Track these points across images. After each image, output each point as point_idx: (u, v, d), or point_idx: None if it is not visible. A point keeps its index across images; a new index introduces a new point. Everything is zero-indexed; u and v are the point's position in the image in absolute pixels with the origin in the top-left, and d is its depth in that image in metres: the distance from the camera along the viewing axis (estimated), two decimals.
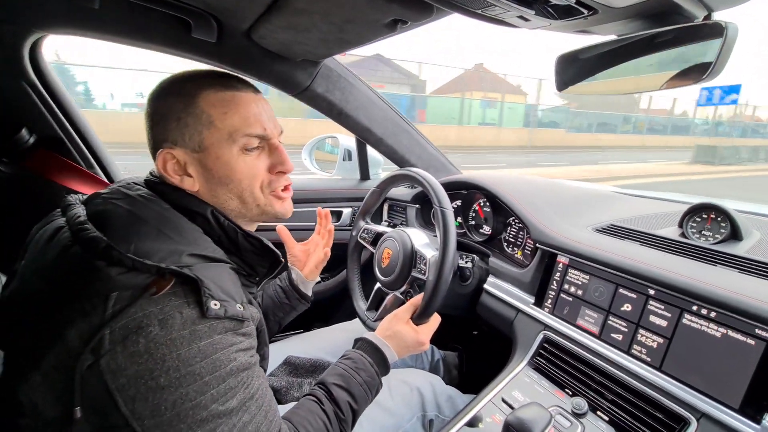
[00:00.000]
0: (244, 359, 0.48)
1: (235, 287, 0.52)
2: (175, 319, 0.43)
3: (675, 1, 0.41)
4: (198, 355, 0.43)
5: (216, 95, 0.55)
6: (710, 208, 0.80)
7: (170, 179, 0.55)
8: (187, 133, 0.54)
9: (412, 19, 0.61)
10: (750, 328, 0.57)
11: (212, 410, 0.43)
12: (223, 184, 0.57)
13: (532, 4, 0.44)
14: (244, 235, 0.56)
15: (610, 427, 0.67)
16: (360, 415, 0.67)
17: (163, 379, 0.41)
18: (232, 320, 0.47)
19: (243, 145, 0.56)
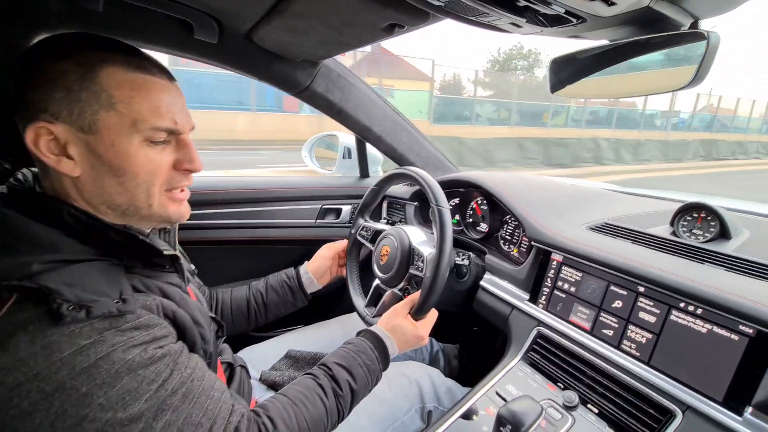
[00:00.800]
0: (144, 355, 0.43)
1: (110, 283, 0.46)
2: (20, 337, 0.38)
3: (660, 11, 0.43)
4: (63, 369, 0.38)
5: (125, 75, 0.49)
6: (700, 207, 0.81)
7: (43, 158, 0.47)
8: (76, 109, 0.47)
9: (409, 24, 0.62)
10: (734, 324, 0.59)
11: (109, 420, 0.39)
12: (113, 175, 0.50)
13: (523, 13, 0.46)
14: (116, 230, 0.50)
15: (599, 419, 0.69)
16: (360, 397, 0.67)
17: (26, 404, 0.37)
18: (104, 319, 0.42)
19: (147, 136, 0.50)
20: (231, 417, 0.49)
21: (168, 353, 0.46)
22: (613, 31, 0.54)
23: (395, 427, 0.82)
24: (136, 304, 0.46)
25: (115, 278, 0.47)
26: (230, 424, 0.49)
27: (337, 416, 0.63)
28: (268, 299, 0.99)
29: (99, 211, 0.52)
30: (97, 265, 0.47)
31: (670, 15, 0.45)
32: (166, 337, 0.48)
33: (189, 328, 0.55)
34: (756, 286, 0.62)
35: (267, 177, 1.57)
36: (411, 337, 0.79)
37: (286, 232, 1.42)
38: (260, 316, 0.99)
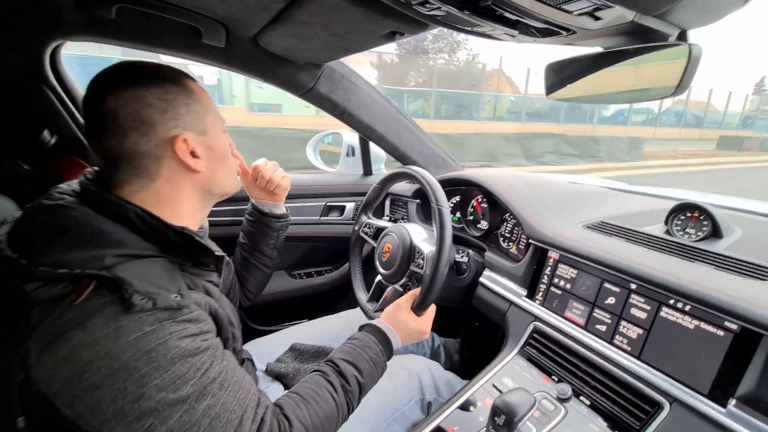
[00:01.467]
0: (193, 345, 0.48)
1: (170, 278, 0.52)
2: (96, 319, 0.43)
3: (646, 24, 0.45)
4: (128, 350, 0.43)
5: (196, 84, 0.62)
6: (693, 207, 0.84)
7: (186, 161, 0.58)
8: (194, 118, 0.59)
9: (408, 32, 0.65)
10: (720, 320, 0.62)
11: (161, 400, 0.43)
12: (221, 163, 0.65)
13: (515, 26, 0.48)
14: (174, 231, 0.56)
15: (591, 411, 0.72)
16: (367, 390, 0.71)
17: (96, 379, 0.42)
18: (165, 310, 0.47)
19: (223, 128, 0.66)
20: (258, 408, 0.54)
21: (211, 346, 0.51)
22: (606, 40, 0.56)
23: (396, 417, 0.86)
24: (190, 300, 0.52)
25: (173, 275, 0.54)
26: (257, 414, 0.53)
27: (347, 409, 0.66)
28: (257, 244, 1.02)
29: (198, 198, 0.64)
30: (159, 262, 0.53)
31: (656, 27, 0.47)
32: (210, 332, 0.53)
33: (225, 326, 0.62)
34: (742, 285, 0.64)
35: None
36: (413, 331, 0.81)
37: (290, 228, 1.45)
38: (264, 259, 1.03)
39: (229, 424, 0.48)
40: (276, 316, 1.51)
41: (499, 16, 0.45)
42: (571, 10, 0.42)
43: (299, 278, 1.54)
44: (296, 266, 1.55)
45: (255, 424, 0.52)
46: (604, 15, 0.43)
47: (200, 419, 0.46)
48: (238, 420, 0.50)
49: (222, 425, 0.48)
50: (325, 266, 1.60)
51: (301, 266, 1.56)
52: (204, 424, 0.46)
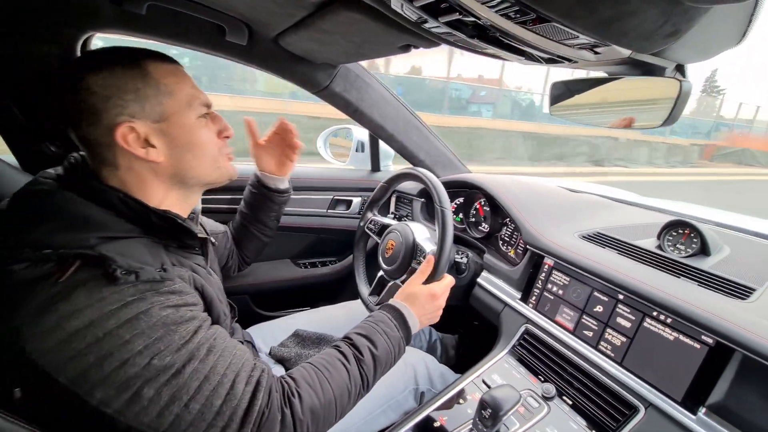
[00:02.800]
0: (176, 314, 0.49)
1: (153, 255, 0.54)
2: (80, 292, 0.45)
3: (642, 60, 0.49)
4: (112, 318, 0.45)
5: (165, 66, 0.58)
6: (684, 224, 0.87)
7: (134, 152, 0.56)
8: (147, 104, 0.56)
9: (422, 46, 0.69)
10: (698, 333, 0.66)
11: (146, 365, 0.45)
12: (188, 150, 0.60)
13: (521, 54, 0.52)
14: (156, 215, 0.57)
15: (572, 410, 0.77)
16: (384, 365, 0.70)
17: (82, 346, 0.44)
18: (147, 282, 0.49)
19: (198, 113, 0.61)
20: (253, 371, 0.54)
21: (196, 317, 0.53)
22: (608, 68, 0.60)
23: (390, 405, 0.91)
24: (174, 274, 0.54)
25: (156, 252, 0.55)
26: (252, 377, 0.54)
27: (362, 382, 0.65)
28: (258, 215, 1.06)
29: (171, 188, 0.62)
30: (142, 241, 0.55)
31: (652, 62, 0.50)
32: (196, 305, 0.55)
33: (215, 303, 0.63)
34: (722, 302, 0.69)
35: None
36: (425, 298, 0.80)
37: (298, 219, 1.51)
38: (264, 229, 1.08)
39: (220, 387, 0.50)
40: (280, 303, 1.56)
41: (506, 44, 0.49)
42: (572, 45, 0.46)
43: (304, 267, 1.60)
44: (301, 256, 1.61)
45: (250, 386, 0.52)
46: (601, 50, 0.47)
47: (188, 382, 0.47)
48: (230, 382, 0.51)
49: (212, 388, 0.49)
50: (330, 257, 1.65)
51: (306, 256, 1.61)
52: (193, 387, 0.48)
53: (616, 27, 0.37)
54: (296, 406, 0.56)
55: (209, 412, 0.48)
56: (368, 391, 0.68)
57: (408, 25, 0.56)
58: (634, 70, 0.56)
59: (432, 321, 0.84)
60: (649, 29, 0.37)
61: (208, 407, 0.48)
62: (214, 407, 0.49)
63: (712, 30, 0.41)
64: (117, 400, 0.45)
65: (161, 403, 0.46)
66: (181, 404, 0.47)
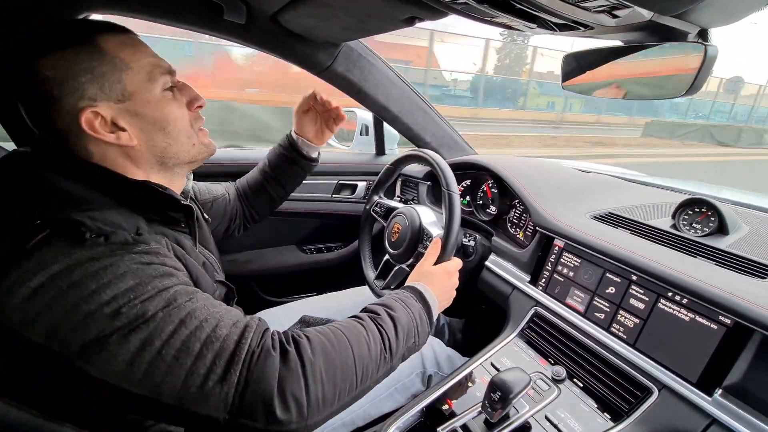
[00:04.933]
0: (150, 268, 0.46)
1: (128, 222, 0.50)
2: (45, 250, 0.42)
3: (664, 23, 0.46)
4: (77, 270, 0.42)
5: (117, 37, 0.52)
6: (701, 202, 0.84)
7: (104, 138, 0.51)
8: (106, 84, 0.50)
9: (428, 18, 0.65)
10: (714, 314, 0.64)
11: (119, 314, 0.42)
12: (159, 128, 0.55)
13: (534, 20, 0.49)
14: (135, 184, 0.54)
15: (583, 392, 0.76)
16: (405, 330, 0.62)
17: (47, 300, 0.41)
18: (119, 244, 0.46)
19: (163, 83, 0.55)
20: (241, 318, 0.49)
21: (174, 275, 0.48)
22: (624, 35, 0.56)
23: (397, 388, 0.91)
24: (150, 238, 0.50)
25: (132, 219, 0.51)
26: (240, 321, 0.48)
27: (381, 338, 0.58)
28: (280, 178, 1.04)
29: (151, 171, 0.58)
30: (119, 210, 0.51)
31: (674, 26, 0.47)
32: (178, 270, 0.50)
33: (201, 277, 0.58)
34: (740, 281, 0.66)
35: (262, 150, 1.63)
36: (440, 275, 0.79)
37: (303, 205, 1.49)
38: (281, 191, 1.07)
39: (199, 330, 0.44)
40: (286, 289, 1.56)
41: (517, 9, 0.46)
42: (589, 7, 0.42)
43: (310, 253, 1.59)
44: (307, 241, 1.60)
45: (237, 328, 0.47)
46: (621, 13, 0.43)
47: (161, 325, 0.43)
48: (212, 327, 0.45)
49: (190, 331, 0.44)
50: (335, 243, 1.64)
51: (311, 242, 1.61)
52: (167, 331, 0.43)
53: None
54: (303, 345, 0.49)
55: (187, 357, 0.43)
56: (394, 358, 0.60)
57: None
58: (653, 36, 0.52)
59: (449, 300, 0.81)
60: None
61: (185, 351, 0.43)
62: (192, 351, 0.43)
63: None
64: (87, 353, 0.41)
65: (131, 350, 0.41)
66: (153, 350, 0.42)
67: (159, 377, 0.42)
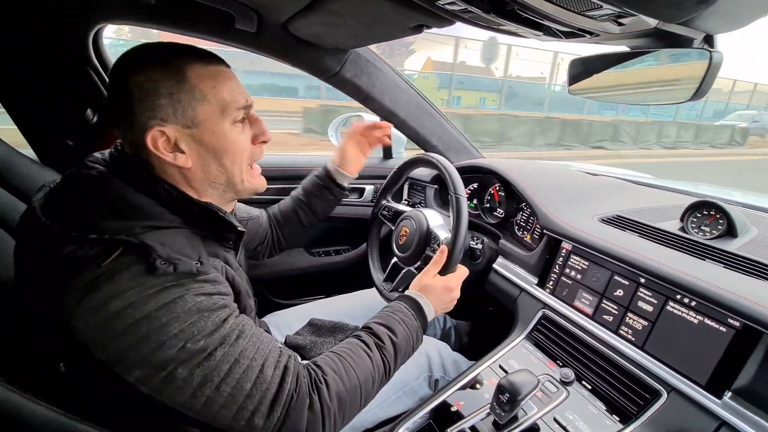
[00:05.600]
0: (210, 301, 0.51)
1: (192, 247, 0.55)
2: (123, 274, 0.46)
3: (669, 30, 0.46)
4: (150, 301, 0.47)
5: (204, 69, 0.56)
6: (710, 205, 0.84)
7: (163, 156, 0.55)
8: (179, 109, 0.54)
9: (435, 26, 0.67)
10: (723, 317, 0.64)
11: (181, 348, 0.47)
12: (216, 158, 0.59)
13: (540, 28, 0.50)
14: (199, 206, 0.58)
15: (591, 394, 0.76)
16: (404, 353, 0.71)
17: (122, 327, 0.45)
18: (184, 274, 0.50)
19: (233, 117, 0.58)
20: (281, 357, 0.56)
21: (227, 305, 0.54)
22: (630, 41, 0.57)
23: (405, 391, 0.92)
24: (209, 265, 0.55)
25: (195, 244, 0.56)
26: (280, 362, 0.55)
27: (384, 368, 0.66)
28: (312, 205, 1.10)
29: (203, 193, 0.61)
30: (183, 232, 0.56)
31: (680, 33, 0.48)
32: (227, 294, 0.56)
33: (242, 295, 0.65)
34: (749, 284, 0.66)
35: (294, 155, 1.65)
36: (440, 290, 0.82)
37: None
38: (311, 218, 1.12)
39: (250, 370, 0.51)
40: (294, 291, 1.58)
41: (523, 18, 0.47)
42: (594, 15, 0.43)
43: (318, 256, 1.60)
44: (315, 244, 1.61)
45: (278, 371, 0.54)
46: (626, 21, 0.44)
47: (219, 365, 0.49)
48: (260, 367, 0.52)
49: (243, 371, 0.51)
50: (343, 246, 1.66)
51: (320, 244, 1.62)
52: (224, 369, 0.49)
53: None
54: (324, 393, 0.57)
55: (240, 395, 0.50)
56: (390, 378, 0.69)
57: (420, 2, 0.54)
58: (659, 42, 0.53)
59: (446, 311, 0.85)
60: None
61: (239, 390, 0.50)
62: (244, 390, 0.50)
63: None
64: (153, 379, 0.47)
65: (194, 384, 0.48)
66: (213, 386, 0.49)
67: (215, 409, 0.49)
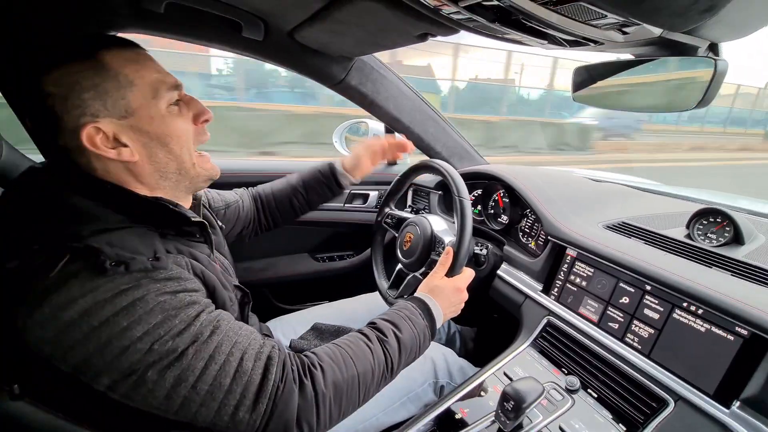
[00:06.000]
0: (174, 300, 0.48)
1: (145, 244, 0.51)
2: (72, 283, 0.44)
3: (674, 39, 0.47)
4: (107, 306, 0.44)
5: (124, 53, 0.53)
6: (716, 212, 0.84)
7: (105, 154, 0.52)
8: (108, 100, 0.51)
9: (440, 34, 0.67)
10: (731, 325, 0.64)
11: (148, 351, 0.44)
12: (163, 145, 0.55)
13: (544, 36, 0.50)
14: (147, 202, 0.55)
15: (597, 403, 0.76)
16: (409, 350, 0.68)
17: (80, 336, 0.43)
18: (140, 272, 0.47)
19: (168, 99, 0.55)
20: (263, 348, 0.52)
21: (196, 301, 0.50)
22: (635, 50, 0.57)
23: (410, 397, 0.91)
24: (168, 261, 0.51)
25: (149, 241, 0.52)
26: (262, 353, 0.52)
27: (385, 362, 0.63)
28: (309, 197, 1.10)
29: (155, 187, 0.58)
30: (135, 231, 0.52)
31: (684, 41, 0.48)
32: (195, 291, 0.52)
33: (218, 289, 0.60)
34: (756, 292, 0.66)
35: (298, 161, 1.66)
36: (450, 291, 0.81)
37: (315, 214, 1.51)
38: (304, 209, 1.12)
39: (227, 365, 0.48)
40: (299, 296, 1.58)
41: (528, 27, 0.48)
42: (599, 25, 0.44)
43: (322, 261, 1.61)
44: (319, 250, 1.62)
45: (260, 362, 0.51)
46: (630, 30, 0.45)
47: (192, 362, 0.46)
48: (238, 360, 0.49)
49: (219, 367, 0.48)
50: (348, 251, 1.66)
51: (324, 250, 1.62)
52: (198, 367, 0.46)
53: (648, 3, 0.35)
54: (318, 378, 0.54)
55: (218, 391, 0.47)
56: (393, 376, 0.66)
57: (425, 11, 0.55)
58: (664, 50, 0.53)
59: (454, 314, 0.84)
60: (684, 4, 0.35)
61: (217, 386, 0.47)
62: (223, 386, 0.48)
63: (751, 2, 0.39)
64: (122, 385, 0.45)
65: (167, 386, 0.45)
66: (188, 386, 0.46)
67: (194, 408, 0.47)
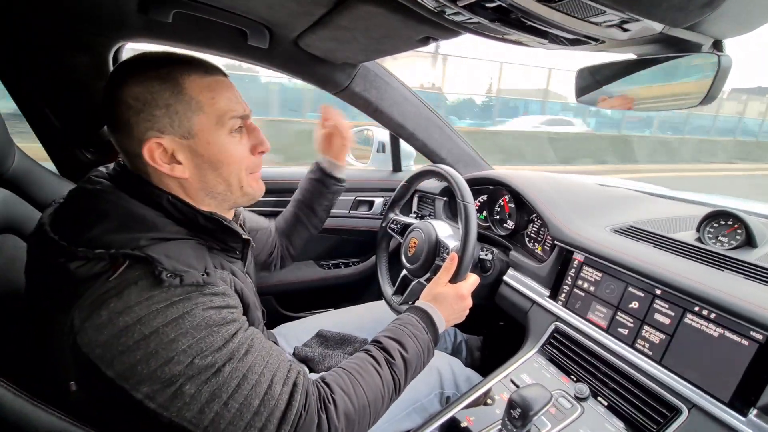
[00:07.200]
0: (218, 315, 0.51)
1: (198, 258, 0.54)
2: (131, 290, 0.47)
3: (676, 36, 0.46)
4: (159, 316, 0.46)
5: (202, 80, 0.56)
6: (727, 215, 0.82)
7: (160, 168, 0.55)
8: (176, 121, 0.54)
9: (442, 37, 0.68)
10: (745, 330, 0.62)
11: (189, 364, 0.47)
12: (214, 168, 0.59)
13: (545, 36, 0.50)
14: (204, 216, 0.58)
15: (608, 411, 0.73)
16: (415, 367, 0.70)
17: (131, 342, 0.45)
18: (191, 286, 0.50)
19: (230, 127, 0.58)
20: (290, 373, 0.55)
21: (236, 319, 0.54)
22: (637, 48, 0.57)
23: (415, 408, 0.89)
24: (216, 277, 0.55)
25: (201, 255, 0.56)
26: (289, 378, 0.55)
27: (393, 385, 0.65)
28: (312, 202, 1.07)
29: (201, 202, 0.61)
30: (188, 243, 0.56)
31: (687, 38, 0.48)
32: (236, 307, 0.56)
33: (251, 306, 0.64)
34: None
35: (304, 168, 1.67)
36: (453, 298, 0.81)
37: None
38: (314, 219, 1.09)
39: (258, 386, 0.51)
40: (303, 304, 1.58)
41: (528, 26, 0.48)
42: (599, 22, 0.44)
43: (327, 268, 1.60)
44: (324, 257, 1.62)
45: (287, 387, 0.53)
46: (631, 27, 0.44)
47: (227, 380, 0.49)
48: (268, 382, 0.52)
49: (251, 387, 0.50)
50: (352, 258, 1.65)
51: (329, 257, 1.62)
52: (232, 386, 0.49)
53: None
54: (332, 412, 0.56)
55: (247, 411, 0.49)
56: (399, 395, 0.67)
57: (427, 15, 0.56)
58: (667, 48, 0.53)
59: (458, 321, 0.83)
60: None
61: (246, 406, 0.49)
62: (252, 406, 0.50)
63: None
64: (161, 395, 0.47)
65: (202, 400, 0.48)
66: (221, 402, 0.48)
67: (223, 425, 0.49)
